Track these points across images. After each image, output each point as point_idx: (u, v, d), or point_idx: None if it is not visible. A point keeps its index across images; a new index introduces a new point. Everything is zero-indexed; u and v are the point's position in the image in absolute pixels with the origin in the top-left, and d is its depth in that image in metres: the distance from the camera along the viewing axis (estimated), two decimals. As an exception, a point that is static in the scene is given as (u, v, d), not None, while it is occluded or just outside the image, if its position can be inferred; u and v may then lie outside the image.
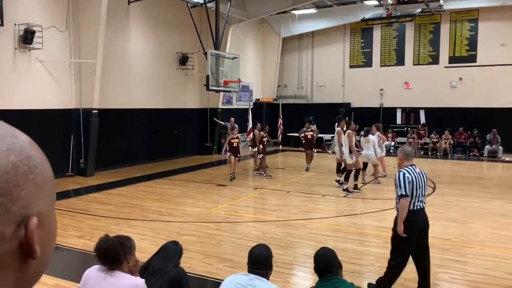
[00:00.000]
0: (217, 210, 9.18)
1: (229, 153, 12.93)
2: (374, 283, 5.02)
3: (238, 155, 13.12)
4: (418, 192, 4.68)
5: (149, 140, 16.01)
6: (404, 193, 4.60)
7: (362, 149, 12.09)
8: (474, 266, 5.84)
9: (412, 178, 4.65)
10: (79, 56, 12.86)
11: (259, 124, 14.16)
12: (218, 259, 6.15)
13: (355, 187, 10.98)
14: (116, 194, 10.68)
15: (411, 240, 4.65)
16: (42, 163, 0.65)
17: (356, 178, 11.12)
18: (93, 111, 12.92)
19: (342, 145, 11.11)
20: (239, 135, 13.77)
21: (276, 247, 6.29)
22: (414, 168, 4.81)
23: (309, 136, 14.59)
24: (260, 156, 13.47)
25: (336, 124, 12.00)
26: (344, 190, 10.86)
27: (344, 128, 11.31)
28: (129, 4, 14.80)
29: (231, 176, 12.61)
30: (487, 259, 6.14)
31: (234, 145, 12.89)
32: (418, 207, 4.70)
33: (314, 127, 15.12)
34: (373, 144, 11.99)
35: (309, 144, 14.59)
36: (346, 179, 11.04)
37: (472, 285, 5.27)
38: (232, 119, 17.24)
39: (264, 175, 13.15)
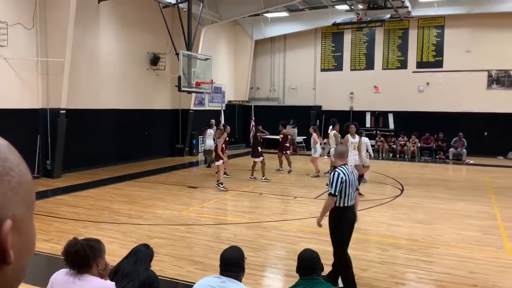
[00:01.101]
0: (188, 212, 9.11)
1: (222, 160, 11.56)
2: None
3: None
4: (350, 190, 5.01)
5: (118, 141, 15.73)
6: (332, 192, 4.96)
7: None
8: (440, 266, 6.01)
9: (345, 178, 4.97)
10: (46, 54, 12.52)
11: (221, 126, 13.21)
12: (189, 261, 6.11)
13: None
14: (84, 196, 10.44)
15: (346, 232, 5.13)
16: (19, 166, 0.63)
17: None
18: (61, 111, 12.60)
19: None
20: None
21: (248, 249, 6.29)
22: (347, 167, 5.15)
23: (279, 139, 14.66)
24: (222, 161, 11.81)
25: (331, 127, 12.14)
26: None
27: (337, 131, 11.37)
28: (99, 2, 14.53)
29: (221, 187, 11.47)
30: (452, 259, 6.33)
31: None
32: (349, 204, 5.05)
33: (292, 130, 15.18)
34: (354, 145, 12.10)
35: (279, 147, 14.68)
36: None
37: (438, 284, 5.42)
38: (213, 120, 17.14)
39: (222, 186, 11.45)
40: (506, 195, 11.17)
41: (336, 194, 4.94)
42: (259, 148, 13.29)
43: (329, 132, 13.08)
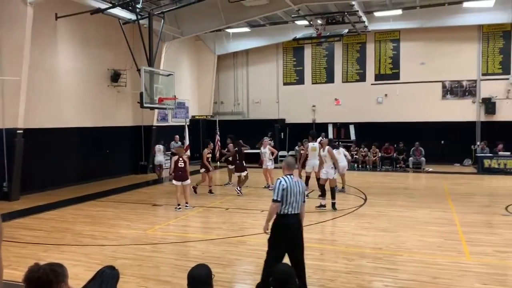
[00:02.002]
0: (154, 231, 8.96)
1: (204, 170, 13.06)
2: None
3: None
4: (292, 199, 5.13)
5: (80, 160, 15.33)
6: (275, 198, 5.12)
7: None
8: (405, 273, 6.16)
9: (287, 186, 5.11)
10: (1, 73, 12.11)
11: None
12: (156, 281, 5.99)
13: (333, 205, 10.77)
14: (44, 219, 10.08)
15: (282, 240, 5.14)
16: None
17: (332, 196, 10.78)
18: (18, 131, 12.18)
19: (325, 161, 10.94)
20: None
21: (216, 266, 6.25)
22: (292, 177, 5.26)
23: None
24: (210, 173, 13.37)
25: (310, 138, 12.29)
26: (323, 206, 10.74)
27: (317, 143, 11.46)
28: (56, 19, 14.23)
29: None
30: (416, 265, 6.51)
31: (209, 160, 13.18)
32: (290, 212, 5.15)
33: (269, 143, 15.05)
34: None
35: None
36: (327, 195, 10.79)
37: (403, 291, 5.55)
38: (177, 136, 17.18)
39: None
40: (464, 201, 11.62)
41: (278, 199, 5.10)
42: (243, 162, 13.61)
43: (309, 144, 13.16)
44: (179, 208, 10.82)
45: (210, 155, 13.44)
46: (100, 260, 6.70)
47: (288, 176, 5.25)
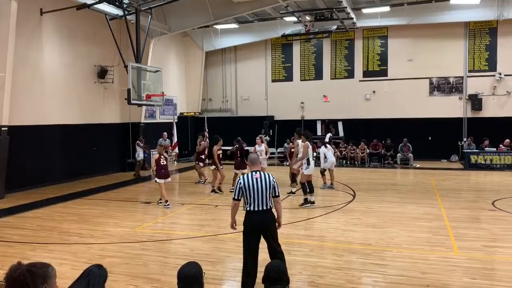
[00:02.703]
0: (142, 228, 8.87)
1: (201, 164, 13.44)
2: None
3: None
4: (253, 196, 5.19)
5: (66, 157, 15.12)
6: (233, 197, 5.35)
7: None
8: (394, 268, 6.18)
9: (244, 183, 5.20)
10: (-15, 69, 11.87)
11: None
12: (145, 279, 5.93)
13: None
14: (30, 217, 9.93)
15: (251, 234, 5.26)
16: None
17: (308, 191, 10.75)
18: (2, 128, 11.97)
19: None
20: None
21: (206, 263, 6.21)
22: (254, 174, 5.28)
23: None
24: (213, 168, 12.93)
25: (297, 136, 12.22)
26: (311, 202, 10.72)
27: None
28: (41, 14, 14.00)
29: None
30: (405, 260, 6.53)
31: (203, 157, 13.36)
32: (253, 209, 5.22)
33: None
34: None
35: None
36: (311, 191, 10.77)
37: (393, 286, 5.56)
38: (165, 133, 17.03)
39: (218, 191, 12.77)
40: (451, 197, 11.73)
41: (235, 197, 5.28)
42: (245, 159, 13.05)
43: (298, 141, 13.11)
44: (168, 205, 10.76)
45: (220, 152, 13.16)
46: (87, 259, 6.62)
47: (250, 173, 5.31)
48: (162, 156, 10.99)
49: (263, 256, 5.36)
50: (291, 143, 14.23)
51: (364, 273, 6.07)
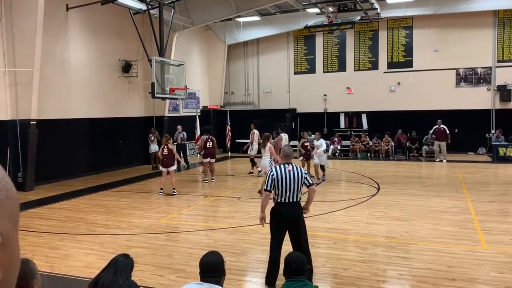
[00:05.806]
0: (167, 220, 9.00)
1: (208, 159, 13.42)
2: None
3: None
4: (284, 188, 5.21)
5: (92, 151, 15.43)
6: (265, 188, 5.34)
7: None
8: (419, 262, 6.10)
9: (276, 175, 5.21)
10: (14, 64, 12.19)
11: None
12: (170, 270, 6.02)
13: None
14: (58, 209, 10.19)
15: (280, 226, 5.31)
16: (4, 178, 0.59)
17: None
18: (31, 122, 12.28)
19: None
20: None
21: (229, 254, 6.26)
22: (286, 166, 5.29)
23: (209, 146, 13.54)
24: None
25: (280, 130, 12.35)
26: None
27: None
28: (67, 10, 14.26)
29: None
30: (430, 254, 6.44)
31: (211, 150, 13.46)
32: (283, 200, 5.25)
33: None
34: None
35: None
36: None
37: (418, 280, 5.49)
38: (179, 126, 17.13)
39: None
40: (478, 190, 11.47)
41: (267, 189, 5.26)
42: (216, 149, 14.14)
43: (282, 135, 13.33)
44: (161, 193, 11.53)
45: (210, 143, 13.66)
46: (114, 249, 6.75)
47: (283, 165, 5.33)
48: (165, 147, 11.63)
49: (257, 254, 5.36)
50: (303, 137, 14.21)
51: (389, 266, 6.01)
